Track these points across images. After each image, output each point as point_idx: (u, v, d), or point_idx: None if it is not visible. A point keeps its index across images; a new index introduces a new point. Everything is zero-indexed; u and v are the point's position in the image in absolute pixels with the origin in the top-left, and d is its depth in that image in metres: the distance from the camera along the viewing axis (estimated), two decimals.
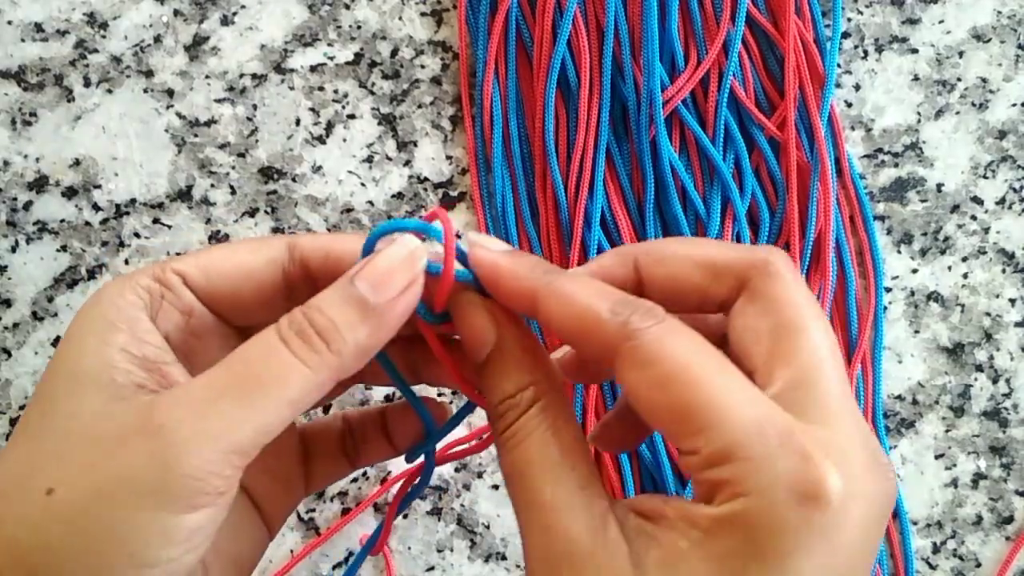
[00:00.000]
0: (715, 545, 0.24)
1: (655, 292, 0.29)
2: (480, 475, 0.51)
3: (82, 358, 0.27)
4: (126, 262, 0.50)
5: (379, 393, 0.50)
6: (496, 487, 0.51)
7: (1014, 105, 0.51)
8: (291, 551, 0.50)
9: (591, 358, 0.29)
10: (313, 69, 0.51)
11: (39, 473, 0.26)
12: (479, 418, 0.49)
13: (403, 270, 0.28)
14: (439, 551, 0.51)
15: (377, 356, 0.30)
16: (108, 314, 0.28)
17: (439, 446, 0.35)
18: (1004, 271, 0.51)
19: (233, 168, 0.51)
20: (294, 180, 0.51)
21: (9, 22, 0.50)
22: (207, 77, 0.51)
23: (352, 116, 0.51)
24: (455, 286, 0.29)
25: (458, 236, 0.29)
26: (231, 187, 0.51)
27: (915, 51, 0.51)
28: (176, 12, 0.51)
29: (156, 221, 0.50)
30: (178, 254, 0.50)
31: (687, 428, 0.25)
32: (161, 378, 0.28)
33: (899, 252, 0.51)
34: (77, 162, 0.50)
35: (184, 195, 0.50)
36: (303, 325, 0.27)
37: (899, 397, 0.51)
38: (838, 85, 0.51)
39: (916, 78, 0.51)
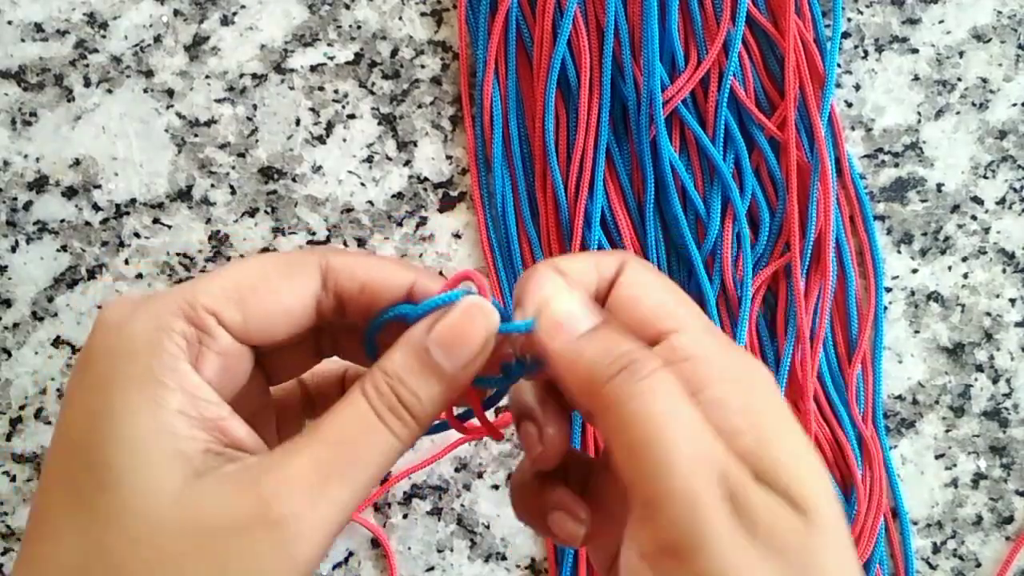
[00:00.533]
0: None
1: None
2: (480, 475, 0.51)
3: (134, 421, 0.26)
4: (126, 262, 0.50)
5: None
6: (496, 487, 0.51)
7: (1014, 105, 0.51)
8: None
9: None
10: (313, 69, 0.51)
11: (142, 568, 0.25)
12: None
13: (477, 334, 0.28)
14: (439, 551, 0.51)
15: (366, 348, 0.31)
16: (153, 368, 0.27)
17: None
18: (1004, 271, 0.51)
19: (233, 168, 0.51)
20: (294, 180, 0.51)
21: (9, 22, 0.50)
22: (207, 77, 0.51)
23: (352, 116, 0.51)
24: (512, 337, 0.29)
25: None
26: (231, 187, 0.51)
27: (915, 51, 0.51)
28: (176, 12, 0.51)
29: (156, 221, 0.50)
30: (184, 253, 0.50)
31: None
32: (221, 435, 0.27)
33: (899, 252, 0.51)
34: (77, 162, 0.50)
35: (184, 195, 0.50)
36: (392, 400, 0.27)
37: (899, 397, 0.51)
38: (838, 85, 0.51)
39: (916, 78, 0.51)
